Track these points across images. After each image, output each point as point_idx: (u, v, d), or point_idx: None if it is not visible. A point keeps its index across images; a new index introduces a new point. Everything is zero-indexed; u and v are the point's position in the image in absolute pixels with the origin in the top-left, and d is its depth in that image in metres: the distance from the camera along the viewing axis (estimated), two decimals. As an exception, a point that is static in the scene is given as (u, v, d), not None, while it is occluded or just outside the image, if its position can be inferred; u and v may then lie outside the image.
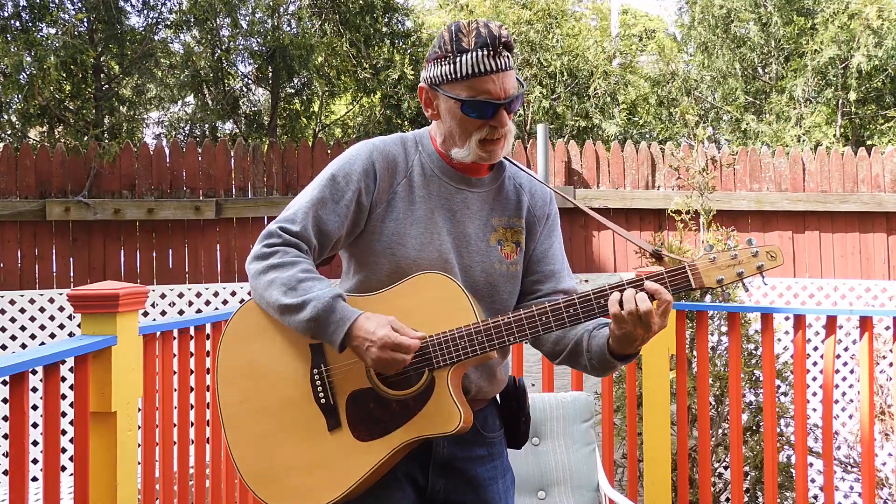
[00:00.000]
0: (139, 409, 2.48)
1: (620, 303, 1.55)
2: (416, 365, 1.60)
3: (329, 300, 1.57)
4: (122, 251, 5.49)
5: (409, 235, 1.67)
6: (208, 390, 2.95)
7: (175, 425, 2.75)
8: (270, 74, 8.03)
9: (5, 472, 4.55)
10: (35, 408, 4.63)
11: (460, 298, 1.60)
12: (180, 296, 5.25)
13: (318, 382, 1.65)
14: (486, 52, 1.60)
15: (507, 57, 1.63)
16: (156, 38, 7.47)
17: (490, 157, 1.68)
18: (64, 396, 4.55)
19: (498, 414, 1.84)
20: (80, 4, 7.19)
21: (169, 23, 7.66)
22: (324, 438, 1.64)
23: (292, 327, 1.63)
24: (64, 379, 4.57)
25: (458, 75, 1.62)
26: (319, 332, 1.59)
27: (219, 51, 7.78)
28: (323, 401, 1.64)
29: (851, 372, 5.39)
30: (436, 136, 1.75)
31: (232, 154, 5.73)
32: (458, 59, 1.62)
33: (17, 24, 6.85)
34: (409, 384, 1.61)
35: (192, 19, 7.52)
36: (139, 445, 2.44)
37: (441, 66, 1.65)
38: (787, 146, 7.91)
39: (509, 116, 1.65)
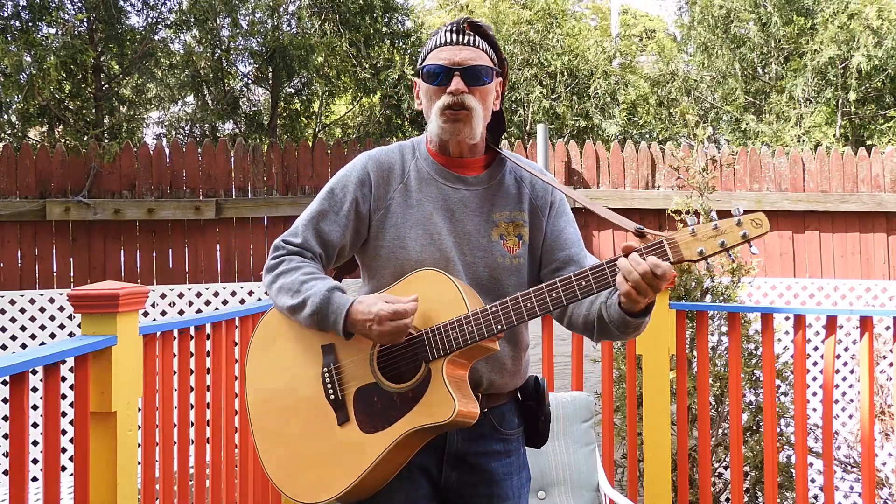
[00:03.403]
0: (139, 409, 2.48)
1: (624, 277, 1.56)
2: (413, 359, 1.66)
3: (325, 293, 1.67)
4: (122, 251, 5.49)
5: (409, 238, 1.74)
6: (208, 390, 2.95)
7: (175, 425, 2.75)
8: (270, 74, 8.03)
9: (5, 472, 4.55)
10: (35, 408, 4.63)
11: (451, 291, 1.65)
12: (180, 296, 5.25)
13: (328, 380, 1.73)
14: (448, 29, 1.76)
15: (471, 35, 1.75)
16: (156, 37, 7.47)
17: (452, 131, 1.72)
18: (64, 396, 4.55)
19: (517, 412, 1.87)
20: (80, 4, 7.19)
21: (169, 23, 7.66)
22: (335, 432, 1.71)
23: (303, 325, 1.74)
24: (64, 379, 4.57)
25: (425, 54, 1.78)
26: (322, 324, 1.70)
27: (219, 51, 7.79)
28: (332, 397, 1.73)
29: (851, 372, 5.39)
30: (429, 137, 1.81)
31: (232, 154, 5.73)
32: (429, 42, 1.79)
33: (17, 24, 6.85)
34: (410, 377, 1.66)
35: (192, 19, 7.52)
36: (139, 445, 2.44)
37: (421, 54, 1.81)
38: (787, 146, 7.91)
39: (470, 89, 1.71)
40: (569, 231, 1.84)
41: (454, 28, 1.75)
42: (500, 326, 1.62)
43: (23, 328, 4.95)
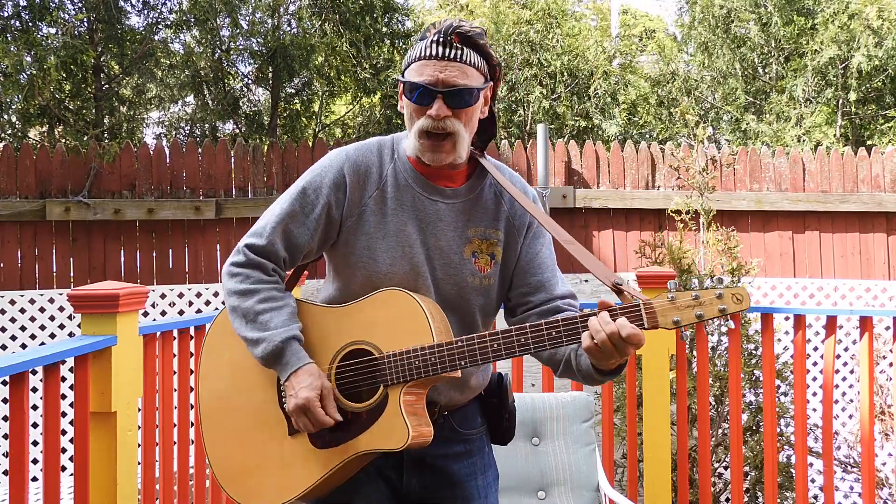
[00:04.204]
0: (139, 409, 2.48)
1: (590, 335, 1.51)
2: (372, 380, 1.62)
3: (279, 344, 1.61)
4: (122, 251, 5.50)
5: (380, 250, 1.67)
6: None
7: (175, 425, 2.75)
8: (270, 74, 8.03)
9: (5, 472, 4.55)
10: (35, 408, 4.62)
11: (419, 317, 1.60)
12: (180, 296, 5.26)
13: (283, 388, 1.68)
14: (435, 39, 1.62)
15: (459, 48, 1.61)
16: (156, 38, 7.48)
17: (430, 154, 1.63)
18: (64, 396, 4.55)
19: (480, 411, 1.82)
20: (80, 4, 7.19)
21: (169, 23, 7.66)
22: (284, 442, 1.68)
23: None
24: (64, 379, 4.57)
25: (410, 60, 1.65)
26: (269, 367, 1.66)
27: (219, 51, 7.79)
28: (285, 405, 1.67)
29: (851, 372, 5.39)
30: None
31: (232, 154, 5.73)
32: (416, 45, 1.66)
33: (18, 24, 6.86)
34: (367, 398, 1.63)
35: (192, 19, 7.52)
36: (139, 445, 2.44)
37: (408, 55, 1.68)
38: (787, 146, 7.91)
39: (455, 114, 1.61)
40: (543, 255, 1.76)
41: (441, 39, 1.61)
42: (463, 363, 1.58)
43: (23, 328, 4.95)
